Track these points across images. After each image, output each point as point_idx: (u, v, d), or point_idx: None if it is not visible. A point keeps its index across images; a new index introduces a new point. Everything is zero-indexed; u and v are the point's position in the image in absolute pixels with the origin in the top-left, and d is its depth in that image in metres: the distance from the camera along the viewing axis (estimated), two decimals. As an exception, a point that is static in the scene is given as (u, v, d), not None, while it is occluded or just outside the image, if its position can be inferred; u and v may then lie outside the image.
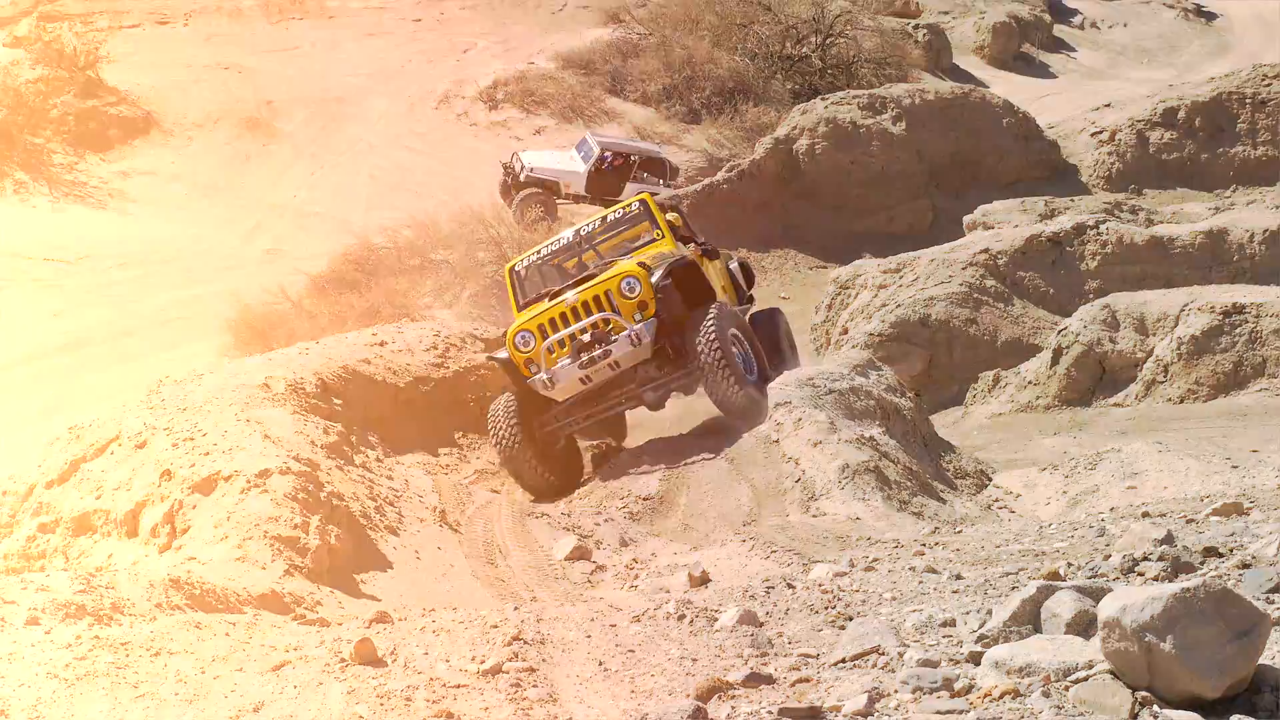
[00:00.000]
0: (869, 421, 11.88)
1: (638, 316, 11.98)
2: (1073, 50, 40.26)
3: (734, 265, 14.62)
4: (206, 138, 31.15)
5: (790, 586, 6.87)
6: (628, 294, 12.00)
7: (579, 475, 12.63)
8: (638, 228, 13.35)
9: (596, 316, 11.99)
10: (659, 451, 12.62)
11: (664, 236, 13.13)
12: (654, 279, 12.04)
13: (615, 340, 11.95)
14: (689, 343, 11.88)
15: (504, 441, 12.14)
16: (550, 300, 12.37)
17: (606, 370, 12.06)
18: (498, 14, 38.41)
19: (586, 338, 12.00)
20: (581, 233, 13.58)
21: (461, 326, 15.39)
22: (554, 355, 12.08)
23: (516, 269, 13.54)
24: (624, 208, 13.59)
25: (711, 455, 11.81)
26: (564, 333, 12.06)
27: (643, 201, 13.45)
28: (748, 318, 14.24)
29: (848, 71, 33.19)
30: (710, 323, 11.85)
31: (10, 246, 26.37)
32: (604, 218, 13.62)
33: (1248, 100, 24.50)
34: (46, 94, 30.64)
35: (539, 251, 13.61)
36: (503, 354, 12.53)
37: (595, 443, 13.54)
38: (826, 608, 6.18)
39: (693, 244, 13.48)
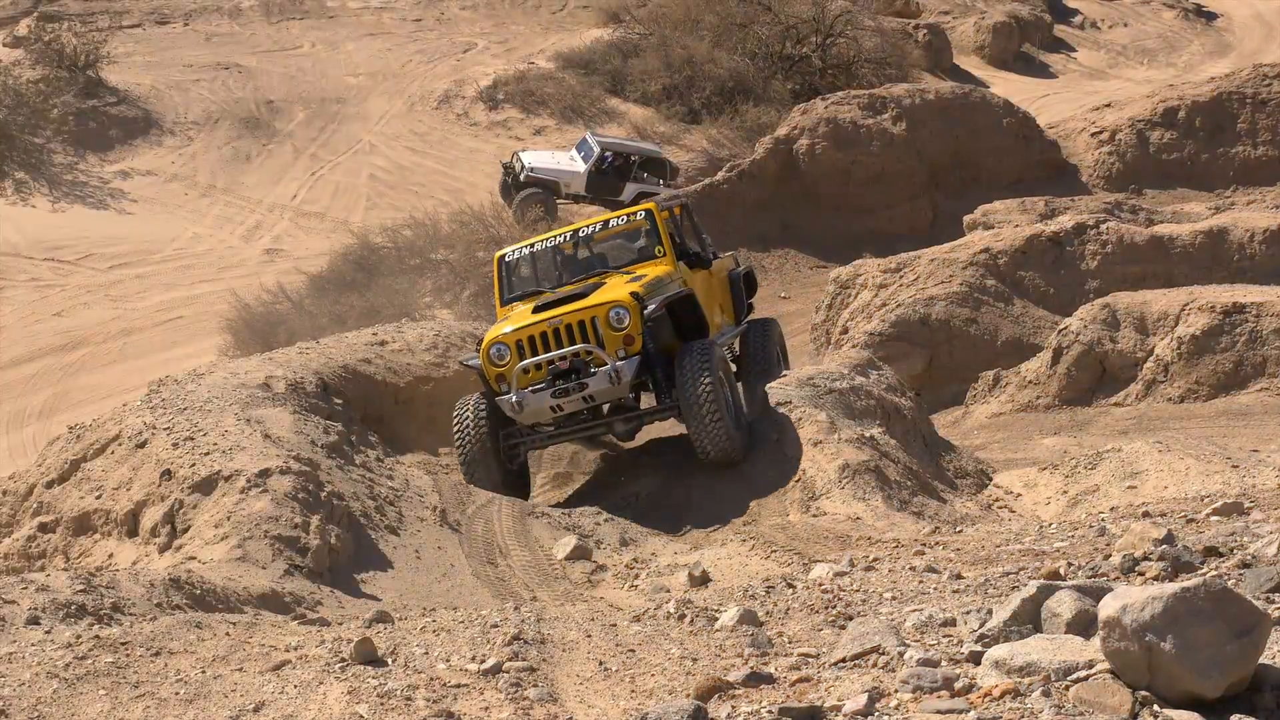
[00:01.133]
0: (869, 421, 11.88)
1: (621, 352, 11.30)
2: (1073, 50, 40.29)
3: (738, 272, 13.97)
4: (206, 138, 31.19)
5: (790, 586, 6.87)
6: (615, 325, 11.31)
7: (527, 494, 12.25)
8: (638, 228, 12.83)
9: (578, 347, 11.30)
10: (659, 451, 12.62)
11: (666, 254, 12.46)
12: (646, 311, 11.37)
13: (594, 374, 11.25)
14: (676, 383, 11.31)
15: (467, 444, 11.72)
16: (534, 313, 11.64)
17: (580, 402, 11.43)
18: (498, 14, 38.43)
19: (564, 365, 11.33)
20: (581, 233, 12.91)
21: (461, 326, 15.36)
22: (528, 376, 11.42)
23: (506, 258, 12.91)
24: (629, 215, 12.89)
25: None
26: (541, 358, 11.37)
27: (649, 213, 12.71)
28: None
29: (848, 71, 33.25)
30: (704, 369, 11.20)
31: (10, 246, 26.42)
32: (606, 222, 12.96)
33: (1248, 100, 24.53)
34: (46, 94, 30.67)
35: (532, 245, 12.94)
36: (475, 361, 11.91)
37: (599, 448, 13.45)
38: (826, 608, 6.17)
39: (693, 255, 12.88)
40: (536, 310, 11.70)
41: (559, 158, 26.90)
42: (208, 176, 29.87)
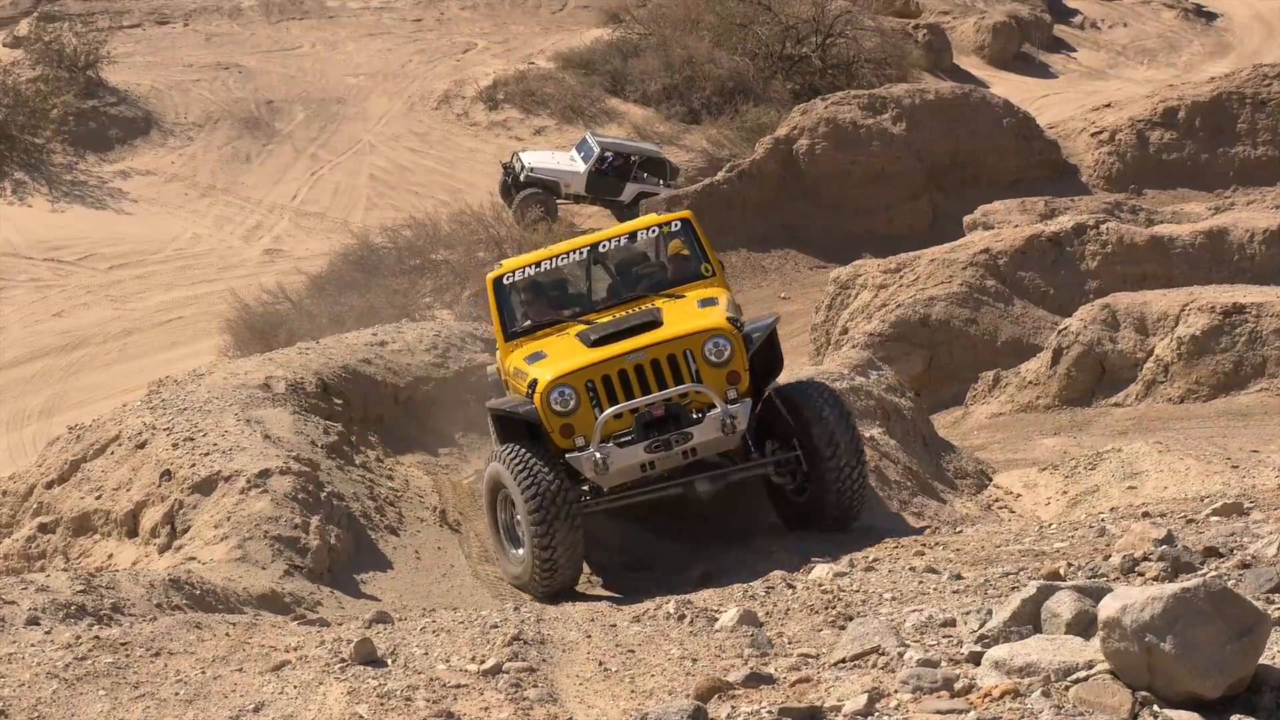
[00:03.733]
0: (869, 421, 11.87)
1: (731, 393, 9.00)
2: (1073, 50, 40.25)
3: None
4: (206, 138, 31.18)
5: (790, 586, 6.87)
6: (714, 359, 9.01)
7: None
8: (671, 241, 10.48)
9: (685, 388, 8.96)
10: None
11: (715, 273, 10.18)
12: (749, 345, 9.22)
13: (700, 420, 8.93)
14: (810, 430, 9.21)
15: (551, 513, 8.80)
16: (592, 346, 9.25)
17: (678, 458, 9.03)
18: (498, 14, 38.41)
19: (659, 412, 8.96)
20: (600, 248, 10.51)
21: (461, 326, 15.36)
22: (608, 426, 8.97)
23: (505, 281, 10.25)
24: (661, 225, 10.54)
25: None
26: (631, 404, 8.95)
27: (687, 223, 10.48)
28: None
29: (848, 71, 33.22)
30: (844, 412, 9.32)
31: (10, 246, 26.42)
32: (633, 234, 10.54)
33: (1248, 100, 24.52)
34: (46, 94, 30.66)
35: (538, 264, 10.30)
36: (522, 407, 9.25)
37: None
38: (826, 608, 6.18)
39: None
40: (595, 344, 9.27)
41: (559, 158, 26.91)
42: (208, 176, 29.87)
